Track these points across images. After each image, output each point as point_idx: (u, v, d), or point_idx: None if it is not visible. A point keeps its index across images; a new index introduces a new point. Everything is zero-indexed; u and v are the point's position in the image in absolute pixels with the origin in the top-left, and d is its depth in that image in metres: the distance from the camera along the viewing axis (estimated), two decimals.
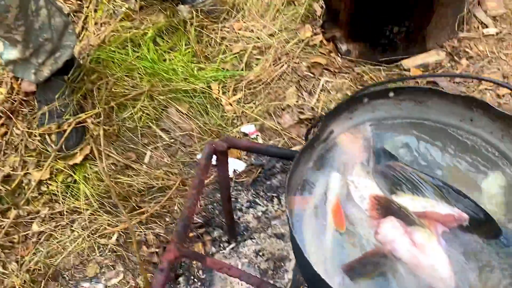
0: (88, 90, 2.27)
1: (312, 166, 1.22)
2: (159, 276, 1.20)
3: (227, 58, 2.52)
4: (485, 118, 1.17)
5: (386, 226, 1.03)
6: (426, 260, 0.99)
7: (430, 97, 1.19)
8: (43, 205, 2.06)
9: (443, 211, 1.06)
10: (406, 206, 1.09)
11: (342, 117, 1.21)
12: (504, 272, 1.04)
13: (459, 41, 2.42)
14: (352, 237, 1.11)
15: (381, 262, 1.04)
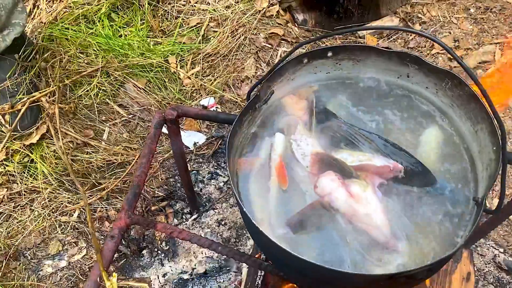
0: (42, 69, 2.22)
1: (257, 129, 1.24)
2: (110, 243, 1.22)
3: (184, 32, 2.50)
4: (420, 74, 1.21)
5: (324, 179, 1.07)
6: (362, 209, 1.03)
7: (367, 54, 1.22)
8: (0, 186, 2.03)
9: (379, 163, 1.10)
10: (344, 160, 1.12)
11: (283, 78, 1.22)
12: (436, 216, 1.09)
13: (412, 7, 2.46)
14: (294, 193, 1.14)
15: (321, 214, 1.08)
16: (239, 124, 1.13)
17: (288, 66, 1.20)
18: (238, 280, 1.86)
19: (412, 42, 2.39)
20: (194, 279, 1.88)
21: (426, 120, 1.25)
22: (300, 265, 0.96)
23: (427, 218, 1.10)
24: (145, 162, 1.36)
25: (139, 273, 1.92)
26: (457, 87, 1.15)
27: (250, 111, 1.17)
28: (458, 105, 1.18)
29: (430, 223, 1.10)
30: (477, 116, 1.11)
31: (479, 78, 2.17)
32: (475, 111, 1.11)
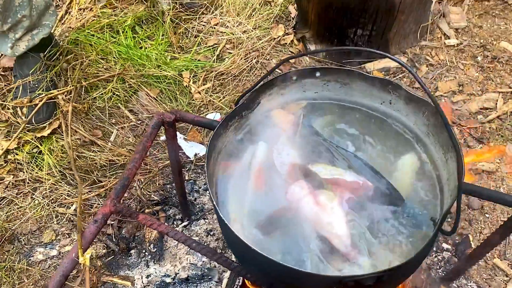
0: (63, 69, 2.37)
1: (243, 136, 1.32)
2: (92, 226, 1.29)
3: (201, 50, 2.63)
4: (401, 101, 1.28)
5: (295, 187, 1.13)
6: (326, 218, 1.09)
7: (352, 78, 1.30)
8: (8, 173, 2.15)
9: (349, 179, 1.16)
10: (318, 173, 1.19)
11: (273, 92, 1.31)
12: (401, 235, 1.14)
13: (421, 49, 2.54)
14: (268, 198, 1.21)
15: (289, 220, 1.14)
16: (223, 128, 1.22)
17: (277, 81, 1.29)
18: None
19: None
20: (176, 283, 1.93)
21: (404, 147, 1.31)
22: (260, 261, 1.02)
23: (392, 236, 1.15)
24: (137, 158, 1.45)
25: (125, 271, 1.98)
26: (432, 116, 1.21)
27: (237, 118, 1.26)
28: (433, 134, 1.24)
29: (394, 241, 1.14)
30: (448, 145, 1.17)
31: (478, 122, 2.23)
32: (447, 140, 1.17)
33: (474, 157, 1.58)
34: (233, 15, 2.76)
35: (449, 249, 1.98)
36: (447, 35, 2.57)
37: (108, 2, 2.76)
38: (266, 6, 2.81)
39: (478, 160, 1.98)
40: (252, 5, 2.80)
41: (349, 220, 1.12)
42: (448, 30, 2.58)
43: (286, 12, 2.79)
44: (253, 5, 2.79)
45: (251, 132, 1.32)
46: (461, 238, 1.99)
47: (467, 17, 2.63)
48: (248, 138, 1.31)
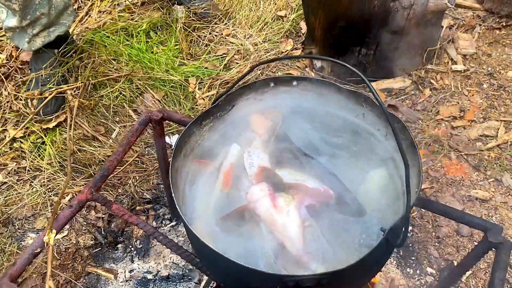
0: (75, 66, 2.49)
1: (219, 137, 1.36)
2: (67, 211, 1.35)
3: (210, 58, 2.71)
4: (373, 115, 1.30)
5: (255, 188, 1.16)
6: (280, 220, 1.11)
7: (328, 89, 1.33)
8: (12, 160, 2.25)
9: (311, 185, 1.18)
10: (283, 177, 1.22)
11: (250, 97, 1.35)
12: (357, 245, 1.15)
13: (426, 72, 2.54)
14: (233, 197, 1.24)
15: (247, 219, 1.17)
16: (196, 126, 1.26)
17: (255, 86, 1.33)
18: None
19: (419, 105, 2.46)
20: (156, 280, 1.97)
21: (374, 160, 1.33)
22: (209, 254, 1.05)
23: (348, 245, 1.16)
24: (120, 151, 1.51)
25: (109, 264, 2.03)
26: (401, 132, 1.23)
27: (211, 118, 1.31)
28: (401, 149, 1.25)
29: (350, 251, 1.15)
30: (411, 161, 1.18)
31: (476, 150, 2.20)
32: (411, 156, 1.18)
33: None
34: (245, 28, 2.83)
35: (433, 274, 1.95)
36: (454, 61, 2.57)
37: (127, 7, 2.88)
38: (278, 21, 2.87)
39: None
40: (264, 19, 2.86)
41: (307, 225, 1.14)
42: (456, 55, 2.58)
43: (297, 27, 2.84)
44: (266, 19, 2.86)
45: (226, 134, 1.36)
46: (447, 264, 1.96)
47: (476, 44, 2.62)
48: (222, 140, 1.35)
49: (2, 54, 2.63)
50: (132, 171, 2.25)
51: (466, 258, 1.40)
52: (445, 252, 1.99)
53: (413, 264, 1.96)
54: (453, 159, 2.23)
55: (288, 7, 2.90)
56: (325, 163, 1.30)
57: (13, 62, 2.60)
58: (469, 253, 1.37)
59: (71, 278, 1.93)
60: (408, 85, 2.52)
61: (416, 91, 2.51)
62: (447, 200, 2.10)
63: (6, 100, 2.44)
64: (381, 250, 1.04)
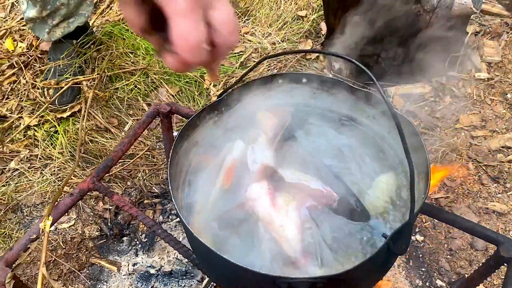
0: (92, 57, 2.50)
1: (224, 132, 1.33)
2: (67, 199, 1.34)
3: (227, 56, 2.68)
4: (384, 117, 1.25)
5: (254, 186, 1.12)
6: (278, 220, 1.07)
7: (339, 89, 1.28)
8: (25, 147, 2.27)
9: (314, 186, 1.13)
10: (285, 176, 1.18)
11: (258, 93, 1.32)
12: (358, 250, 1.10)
13: (447, 79, 2.46)
14: (234, 194, 1.20)
15: (245, 218, 1.13)
16: (199, 119, 1.23)
17: (262, 82, 1.30)
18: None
19: (439, 112, 2.38)
20: (158, 275, 1.95)
21: (384, 165, 1.27)
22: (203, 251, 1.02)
23: (348, 250, 1.11)
24: (126, 142, 1.49)
25: (113, 256, 2.03)
26: (412, 137, 1.17)
27: (216, 112, 1.27)
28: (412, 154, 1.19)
29: (350, 256, 1.10)
30: (422, 166, 1.12)
31: (496, 161, 2.12)
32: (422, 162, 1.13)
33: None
34: (264, 26, 2.80)
35: (443, 287, 1.88)
36: (478, 68, 2.48)
37: None
38: (299, 21, 2.83)
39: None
40: (284, 18, 2.83)
41: (307, 227, 1.10)
42: (480, 63, 2.49)
43: (317, 28, 2.80)
44: (286, 18, 2.82)
45: (230, 130, 1.32)
46: (458, 277, 1.88)
47: (502, 52, 2.53)
48: (226, 135, 1.32)
49: (23, 43, 2.67)
50: (142, 164, 2.24)
51: (477, 272, 1.34)
52: (457, 265, 1.91)
53: (423, 276, 1.90)
54: (471, 169, 2.15)
55: (309, 7, 2.86)
56: (331, 165, 1.26)
57: (33, 51, 2.63)
58: (480, 267, 1.31)
59: (74, 268, 1.93)
60: (428, 92, 2.44)
61: (436, 98, 2.43)
62: (463, 211, 2.02)
63: (24, 88, 2.47)
64: (382, 256, 0.99)
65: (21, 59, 2.59)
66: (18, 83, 2.51)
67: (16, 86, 2.50)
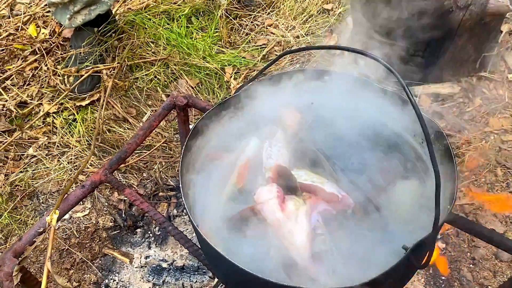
0: (113, 46, 2.48)
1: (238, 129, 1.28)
2: (78, 191, 1.32)
3: (249, 48, 2.63)
4: (410, 119, 1.17)
5: (263, 189, 1.07)
6: (287, 225, 1.01)
7: (363, 88, 1.22)
8: (43, 134, 2.27)
9: (328, 189, 1.07)
10: (299, 177, 1.12)
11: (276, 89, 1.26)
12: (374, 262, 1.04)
13: (478, 80, 2.35)
14: (246, 193, 1.15)
15: (255, 221, 1.08)
16: (215, 115, 1.19)
17: (282, 78, 1.24)
18: (211, 285, 1.87)
19: (467, 114, 2.28)
20: (170, 270, 1.92)
21: (408, 171, 1.20)
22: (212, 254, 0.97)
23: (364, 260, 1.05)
24: (140, 135, 1.46)
25: (126, 248, 2.01)
26: (438, 141, 1.10)
27: (232, 108, 1.22)
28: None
29: (365, 266, 1.04)
30: (447, 173, 1.05)
31: None
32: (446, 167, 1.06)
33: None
34: (288, 19, 2.73)
35: None
36: (511, 69, 2.36)
37: None
38: (324, 14, 2.75)
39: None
40: (309, 11, 2.75)
41: (318, 233, 1.04)
42: None
43: (343, 22, 2.71)
44: (311, 11, 2.75)
45: (246, 126, 1.27)
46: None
47: None
48: (242, 132, 1.27)
49: (46, 29, 2.66)
50: (159, 156, 2.22)
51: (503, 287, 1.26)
52: (480, 275, 1.83)
53: (443, 285, 1.82)
54: (499, 175, 2.05)
55: (335, 0, 2.77)
56: (349, 169, 1.19)
57: (56, 38, 2.63)
58: (506, 282, 1.23)
59: (86, 258, 1.92)
60: (457, 92, 2.34)
61: (465, 99, 2.32)
62: (488, 220, 1.92)
63: (45, 75, 2.47)
64: (401, 270, 0.92)
65: (43, 45, 2.59)
66: (40, 70, 2.51)
67: (37, 72, 2.50)
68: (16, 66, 2.51)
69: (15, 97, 2.37)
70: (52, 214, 1.15)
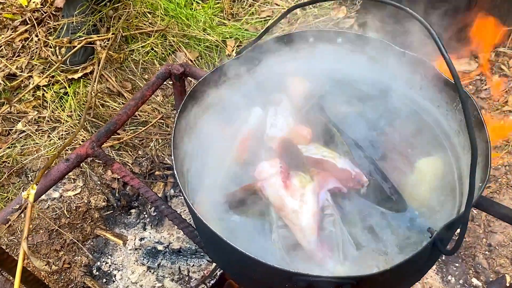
0: (108, 16, 2.33)
1: (240, 98, 1.15)
2: (62, 165, 1.19)
3: (252, 20, 2.47)
4: (433, 88, 1.04)
5: (264, 163, 0.94)
6: (291, 205, 0.88)
7: (381, 52, 1.08)
8: (33, 108, 2.14)
9: (341, 165, 0.94)
10: (307, 151, 0.99)
11: (284, 52, 1.12)
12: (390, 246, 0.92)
13: (497, 55, 2.20)
14: (246, 169, 1.03)
15: (256, 198, 0.96)
16: (213, 80, 1.05)
17: (289, 40, 1.10)
18: (208, 269, 1.76)
19: (484, 92, 2.13)
20: (166, 252, 1.81)
21: (429, 145, 1.07)
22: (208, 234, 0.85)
23: (379, 245, 0.93)
24: (132, 105, 1.33)
25: (120, 229, 1.89)
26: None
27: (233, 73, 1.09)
28: (464, 133, 0.99)
29: (380, 252, 0.92)
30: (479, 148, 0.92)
31: None
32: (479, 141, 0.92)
33: None
34: None
35: (479, 286, 1.68)
36: None
37: None
38: None
39: None
40: None
41: (327, 214, 0.91)
42: None
43: None
44: None
45: (248, 95, 1.14)
46: (497, 277, 1.68)
47: None
48: (243, 101, 1.13)
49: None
50: (155, 133, 2.09)
51: None
52: (496, 263, 1.71)
53: (456, 272, 1.70)
54: None
55: None
56: (364, 144, 1.06)
57: (47, 8, 2.47)
58: None
59: (77, 239, 1.81)
60: (474, 69, 2.19)
61: (483, 76, 2.18)
62: (506, 204, 1.80)
63: (36, 46, 2.33)
64: (424, 256, 0.80)
65: (34, 15, 2.43)
66: (30, 41, 2.36)
67: (27, 43, 2.35)
68: (5, 36, 2.37)
69: (4, 68, 2.23)
70: (30, 189, 1.03)
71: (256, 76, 1.13)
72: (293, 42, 1.11)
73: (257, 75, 1.13)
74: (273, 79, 1.15)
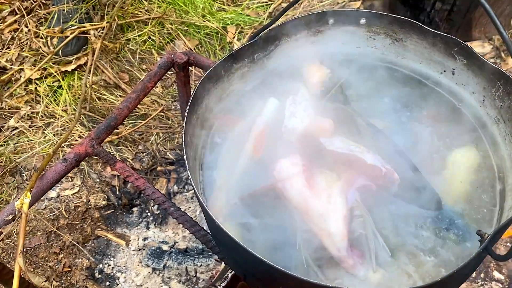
0: (101, 3, 2.21)
1: (253, 87, 1.05)
2: (59, 165, 1.08)
3: (253, 4, 2.36)
4: (468, 72, 0.94)
5: (284, 162, 0.84)
6: (317, 207, 0.79)
7: (407, 33, 0.98)
8: (25, 103, 2.02)
9: (370, 160, 0.84)
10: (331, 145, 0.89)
11: (300, 36, 1.02)
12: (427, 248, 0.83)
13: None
14: (264, 166, 0.93)
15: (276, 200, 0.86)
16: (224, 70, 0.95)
17: (308, 21, 1.00)
18: (217, 269, 1.67)
19: None
20: (172, 253, 1.71)
21: (463, 135, 0.98)
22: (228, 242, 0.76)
23: (415, 249, 0.84)
24: (133, 98, 1.22)
25: (122, 229, 1.80)
26: (509, 96, 0.87)
27: (246, 60, 0.99)
28: (505, 121, 0.90)
29: (417, 257, 0.83)
30: None
31: None
32: None
33: None
34: None
35: (502, 280, 1.60)
36: None
37: None
38: None
39: None
40: None
41: (356, 215, 0.82)
42: None
43: None
44: None
45: (263, 84, 1.04)
46: None
47: None
48: (258, 91, 1.03)
49: None
50: (156, 126, 1.98)
51: None
52: None
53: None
54: None
55: None
56: (393, 136, 0.96)
57: None
58: None
59: (77, 241, 1.71)
60: (488, 52, 2.09)
61: (497, 59, 2.08)
62: None
63: (26, 37, 2.20)
64: (474, 263, 0.71)
65: (23, 4, 2.31)
66: (20, 32, 2.24)
67: (17, 34, 2.23)
68: None
69: None
70: (23, 198, 0.92)
71: (271, 63, 1.03)
72: (311, 25, 1.00)
73: (272, 61, 1.03)
74: (289, 66, 1.05)
